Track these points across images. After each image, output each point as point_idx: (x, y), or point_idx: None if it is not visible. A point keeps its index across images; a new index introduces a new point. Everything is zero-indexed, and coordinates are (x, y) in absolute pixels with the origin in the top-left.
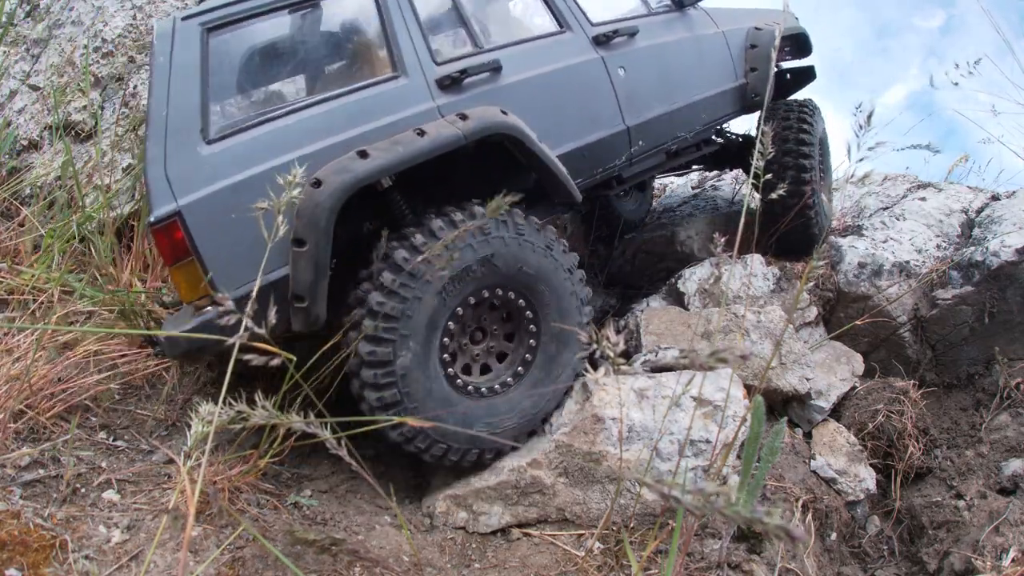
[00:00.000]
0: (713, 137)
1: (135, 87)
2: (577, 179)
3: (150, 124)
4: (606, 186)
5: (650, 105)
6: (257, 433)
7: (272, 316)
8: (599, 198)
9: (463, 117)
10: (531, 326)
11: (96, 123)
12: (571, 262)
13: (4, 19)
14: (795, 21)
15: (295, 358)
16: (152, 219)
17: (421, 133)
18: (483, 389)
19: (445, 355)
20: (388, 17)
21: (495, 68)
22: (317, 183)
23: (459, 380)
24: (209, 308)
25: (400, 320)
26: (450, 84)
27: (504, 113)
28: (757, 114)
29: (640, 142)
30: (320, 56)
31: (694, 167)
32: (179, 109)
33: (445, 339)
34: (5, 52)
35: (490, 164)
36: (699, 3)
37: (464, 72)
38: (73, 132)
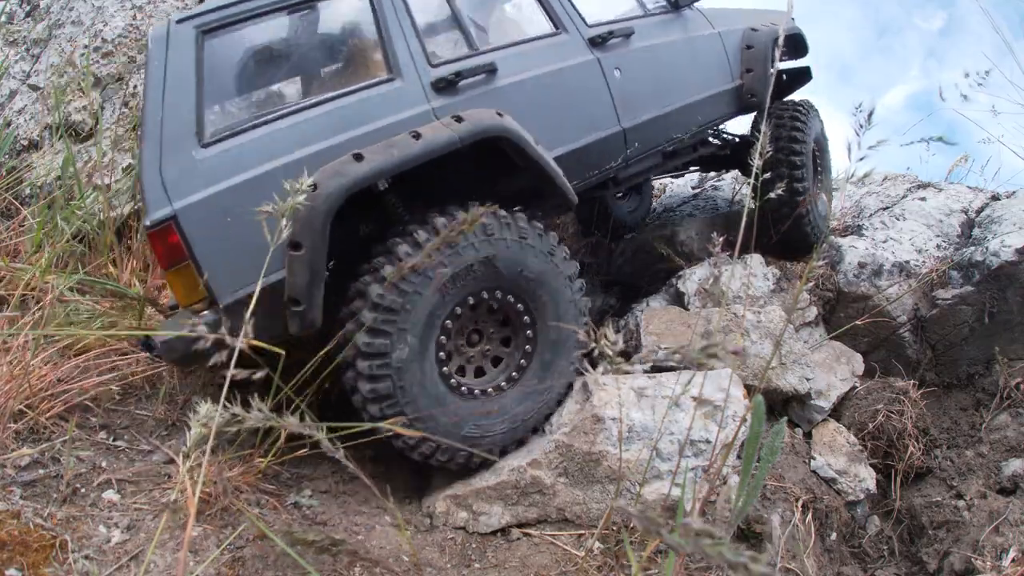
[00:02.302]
0: (710, 139)
1: (135, 87)
2: (572, 181)
3: (145, 128)
4: (602, 187)
5: (645, 107)
6: (255, 433)
7: (249, 327)
8: (597, 200)
9: (458, 120)
10: (528, 331)
11: (96, 123)
12: (572, 270)
13: (3, 19)
14: (791, 22)
15: (281, 356)
16: (148, 223)
17: (416, 136)
18: (476, 391)
19: (441, 353)
20: (383, 19)
21: (490, 70)
22: (313, 186)
23: (453, 379)
24: (206, 312)
25: (399, 313)
26: (445, 86)
27: (499, 115)
28: (753, 115)
29: (636, 144)
30: (316, 59)
31: (691, 168)
32: (174, 113)
33: (442, 337)
34: (5, 52)
35: (487, 165)
36: (695, 4)
37: (459, 74)
38: (73, 132)
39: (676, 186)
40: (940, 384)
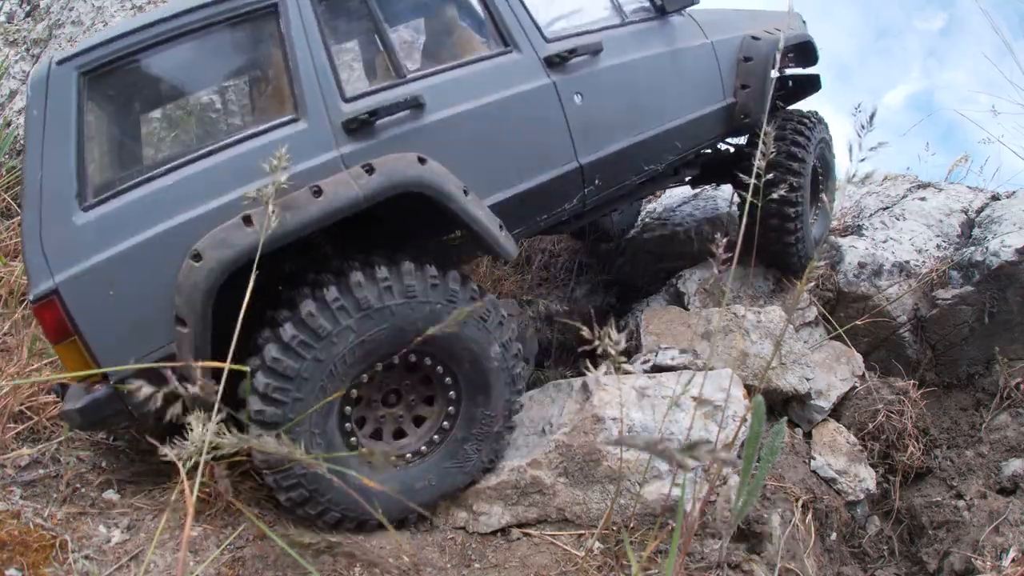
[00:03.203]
0: (699, 153)
1: None
2: (516, 228)
3: (25, 189)
4: (560, 226)
5: (611, 137)
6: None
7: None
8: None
9: (368, 170)
10: (450, 392)
11: None
12: (507, 335)
13: (3, 18)
14: (802, 26)
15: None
16: (31, 297)
17: (317, 192)
18: (392, 456)
19: (347, 423)
20: (291, 45)
21: (415, 105)
22: (197, 256)
23: (357, 441)
24: (98, 386)
25: (295, 381)
26: (358, 127)
27: (422, 161)
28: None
29: (597, 181)
30: (211, 98)
31: (676, 186)
32: (53, 171)
33: (347, 407)
34: (5, 52)
35: (419, 212)
36: (686, 8)
37: (375, 113)
38: None
39: (675, 186)
40: (940, 384)
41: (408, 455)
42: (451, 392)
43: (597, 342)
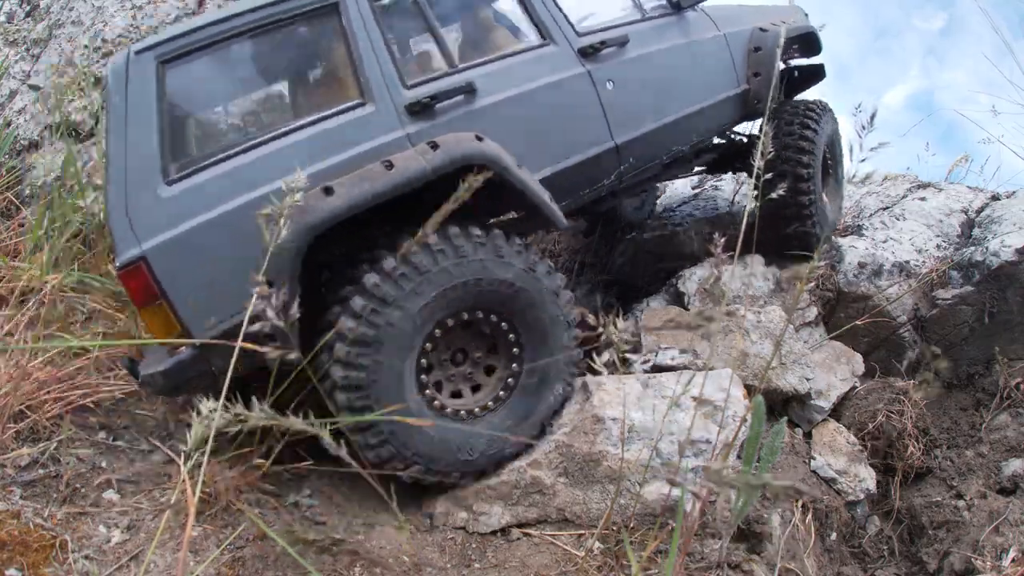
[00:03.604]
0: (715, 141)
1: None
2: (562, 201)
3: (110, 167)
4: (596, 203)
5: (641, 119)
6: (253, 434)
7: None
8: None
9: (433, 146)
10: (514, 349)
11: (96, 123)
12: (556, 284)
13: (3, 18)
14: (804, 18)
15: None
16: (117, 264)
17: (389, 166)
18: (462, 412)
19: (422, 376)
20: (354, 39)
21: (469, 90)
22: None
23: (436, 402)
24: (183, 349)
25: (372, 345)
26: (420, 110)
27: (479, 139)
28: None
29: (630, 159)
30: (282, 85)
31: (695, 172)
32: (137, 150)
33: (422, 360)
34: (5, 52)
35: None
36: (699, 4)
37: (435, 97)
38: (73, 132)
39: (676, 186)
40: (940, 384)
41: (476, 410)
42: (513, 348)
43: (602, 330)
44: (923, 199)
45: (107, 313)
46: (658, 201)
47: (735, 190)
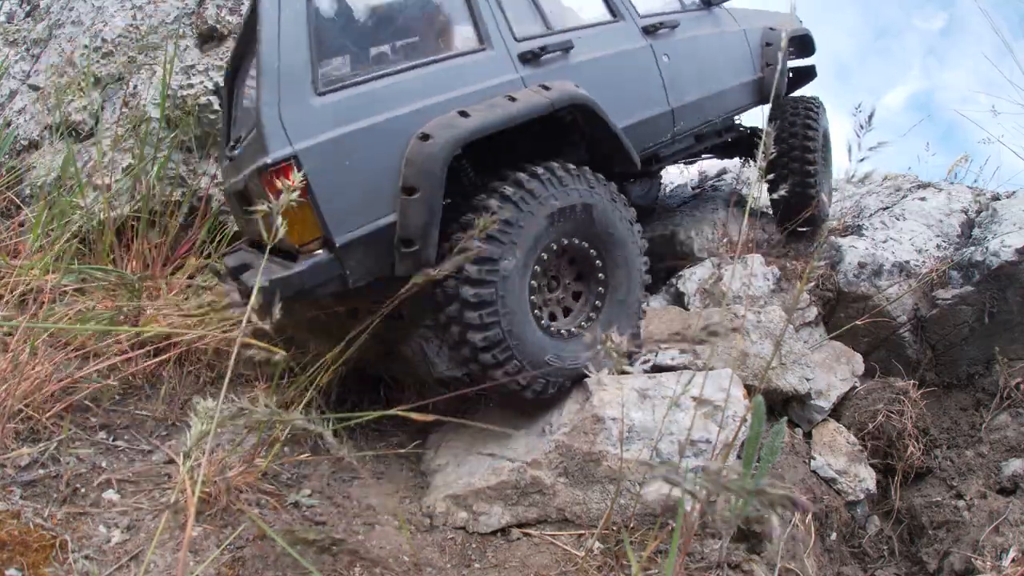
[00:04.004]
0: (734, 123)
1: (135, 87)
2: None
3: (263, 71)
4: (647, 163)
5: (688, 90)
6: (255, 433)
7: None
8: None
9: (545, 88)
10: (599, 274)
11: (96, 123)
12: (632, 215)
13: (3, 18)
14: (798, 23)
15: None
16: (269, 161)
17: (512, 99)
18: (563, 331)
19: (533, 297)
20: None
21: (567, 48)
22: (425, 136)
23: (543, 322)
24: (319, 251)
25: (498, 263)
26: (531, 59)
27: (576, 87)
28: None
29: (681, 123)
30: (413, 25)
31: (707, 156)
32: (290, 61)
33: (533, 282)
34: (5, 52)
35: (545, 137)
36: (724, 3)
37: (544, 48)
38: (73, 132)
39: (676, 186)
40: (940, 384)
41: (573, 329)
42: (599, 273)
43: (599, 345)
44: (923, 199)
45: (106, 312)
46: (659, 201)
47: (735, 189)
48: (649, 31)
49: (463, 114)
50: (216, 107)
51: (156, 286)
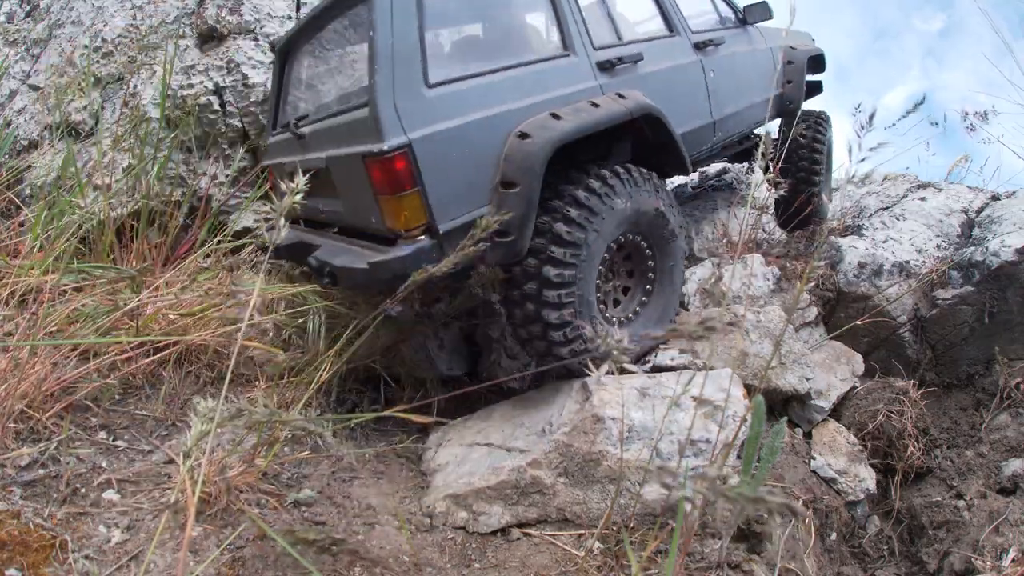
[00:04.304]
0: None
1: (135, 87)
2: None
3: (377, 58)
4: (697, 163)
5: (728, 104)
6: (255, 433)
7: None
8: None
9: (622, 96)
10: (650, 272)
11: (96, 123)
12: (681, 217)
13: (3, 18)
14: (812, 42)
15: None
16: (385, 147)
17: (595, 105)
18: (614, 320)
19: (598, 282)
20: (559, 3)
21: (639, 59)
22: (524, 135)
23: (601, 306)
24: (422, 237)
25: (581, 248)
26: (608, 67)
27: (645, 97)
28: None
29: (719, 133)
30: (501, 27)
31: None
32: (403, 51)
33: (601, 268)
34: (5, 52)
35: (603, 141)
36: (758, 23)
37: (620, 59)
38: (73, 132)
39: (676, 186)
40: (940, 384)
41: (628, 316)
42: (650, 261)
43: (599, 341)
44: (923, 199)
45: (106, 309)
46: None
47: (736, 187)
48: (699, 47)
49: (555, 116)
50: (216, 107)
51: (155, 282)
